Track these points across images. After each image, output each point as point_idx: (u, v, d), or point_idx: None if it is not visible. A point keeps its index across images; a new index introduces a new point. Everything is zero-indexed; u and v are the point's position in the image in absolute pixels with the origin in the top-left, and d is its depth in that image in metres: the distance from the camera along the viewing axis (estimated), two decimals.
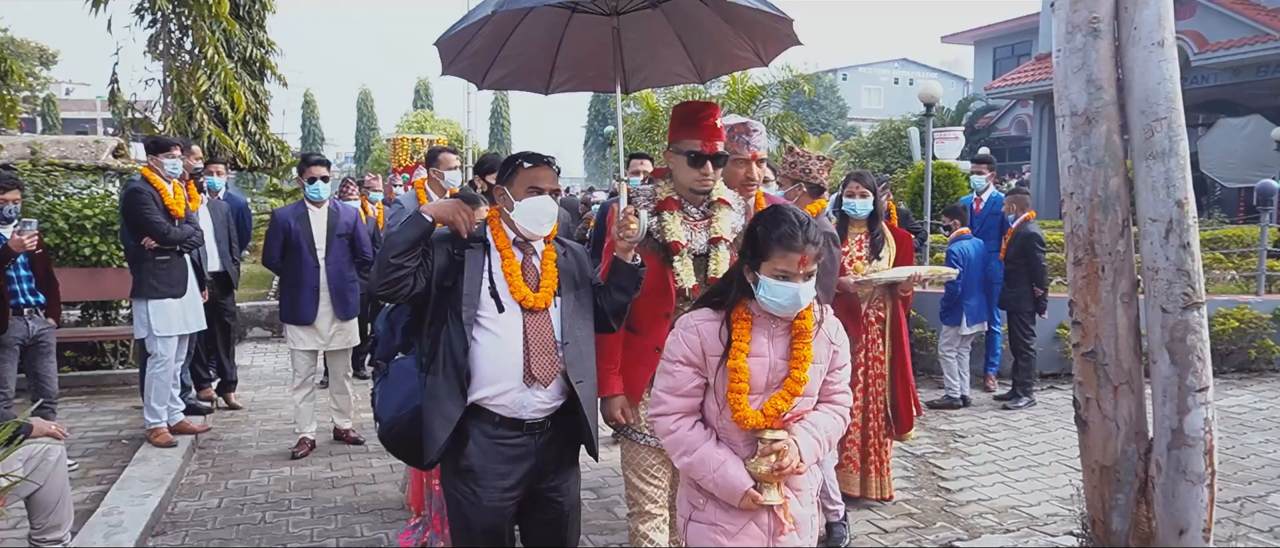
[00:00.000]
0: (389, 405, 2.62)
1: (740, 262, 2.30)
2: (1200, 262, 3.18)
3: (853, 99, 44.44)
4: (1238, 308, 7.80)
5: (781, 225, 2.19)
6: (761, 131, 3.20)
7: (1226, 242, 11.43)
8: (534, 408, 2.57)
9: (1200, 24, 17.27)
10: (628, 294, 2.72)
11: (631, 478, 2.98)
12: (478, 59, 3.32)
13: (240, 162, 10.05)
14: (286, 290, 5.41)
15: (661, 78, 3.82)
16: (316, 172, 5.41)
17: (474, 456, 2.54)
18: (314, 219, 5.39)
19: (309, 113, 50.33)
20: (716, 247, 2.89)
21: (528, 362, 2.54)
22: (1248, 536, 4.02)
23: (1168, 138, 3.13)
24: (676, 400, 2.29)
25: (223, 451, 5.52)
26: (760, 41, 3.38)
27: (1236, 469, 5.09)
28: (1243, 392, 7.11)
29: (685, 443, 2.26)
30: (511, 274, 2.58)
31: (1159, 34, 3.16)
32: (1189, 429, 3.12)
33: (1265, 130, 17.07)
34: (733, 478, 2.20)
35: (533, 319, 2.57)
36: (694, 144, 2.84)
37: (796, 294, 2.18)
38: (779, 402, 2.21)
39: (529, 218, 2.60)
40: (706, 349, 2.25)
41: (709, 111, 2.89)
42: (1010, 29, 28.86)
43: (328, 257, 5.37)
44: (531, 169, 2.62)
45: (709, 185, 2.89)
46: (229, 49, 9.85)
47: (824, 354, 2.32)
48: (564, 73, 3.56)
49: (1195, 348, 3.12)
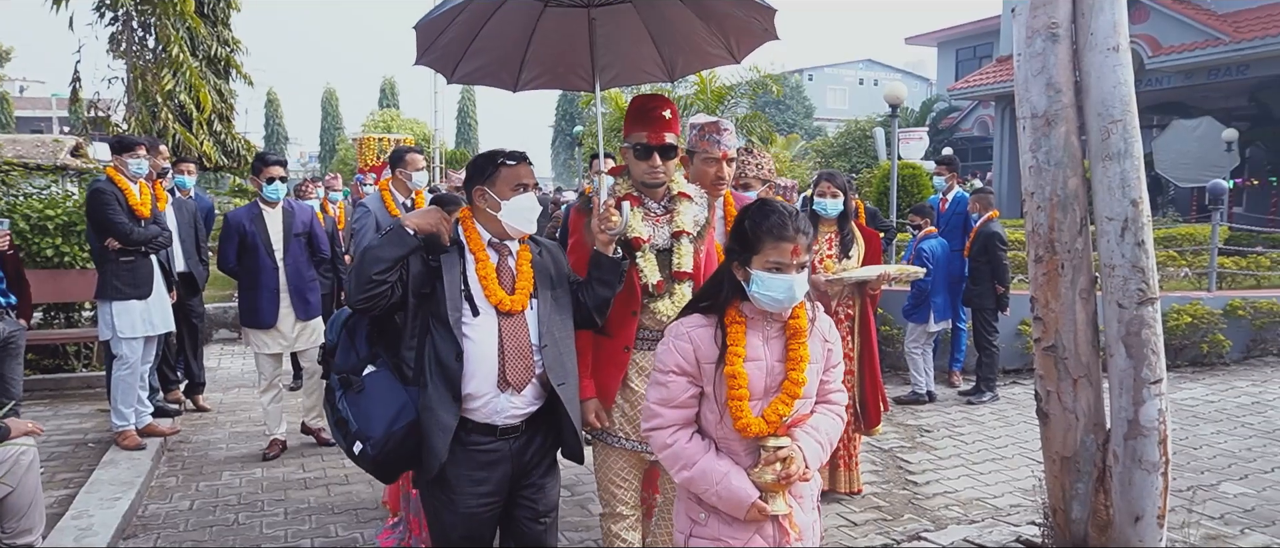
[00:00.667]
0: (378, 422, 2.46)
1: (728, 260, 2.22)
2: (1154, 259, 3.30)
3: (818, 99, 44.83)
4: (1190, 304, 8.04)
5: (770, 216, 2.13)
6: (732, 131, 3.19)
7: (1180, 240, 11.76)
8: (508, 414, 2.51)
9: (1154, 28, 17.73)
10: (611, 288, 2.68)
11: (603, 481, 2.95)
12: (449, 50, 3.27)
13: (206, 161, 9.93)
14: (245, 294, 5.34)
15: (631, 76, 3.78)
16: (274, 172, 5.33)
17: (449, 464, 2.48)
18: (269, 220, 5.31)
19: (272, 111, 49.66)
20: (679, 241, 2.87)
21: (502, 366, 2.47)
22: (1200, 522, 4.17)
23: (1123, 140, 3.26)
24: (672, 412, 2.19)
25: (192, 453, 5.47)
26: (734, 38, 3.35)
27: (1190, 459, 5.27)
28: (1195, 385, 7.35)
29: (684, 457, 2.16)
30: (486, 277, 2.53)
31: (1114, 40, 3.28)
32: (1144, 420, 3.25)
33: (1216, 132, 17.56)
34: (737, 490, 2.11)
35: (508, 322, 2.51)
36: (641, 137, 2.83)
37: (791, 285, 2.11)
38: (779, 406, 2.13)
39: (517, 216, 2.55)
40: (701, 356, 2.16)
41: (658, 104, 2.86)
42: (972, 31, 29.34)
43: (285, 257, 5.30)
44: (514, 167, 2.57)
45: (660, 178, 2.86)
46: (194, 47, 9.72)
47: (819, 353, 2.24)
48: (533, 69, 3.52)
49: (1150, 342, 3.25)
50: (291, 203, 5.48)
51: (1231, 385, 7.31)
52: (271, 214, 5.34)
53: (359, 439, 2.46)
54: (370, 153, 17.88)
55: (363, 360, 2.57)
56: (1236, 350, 8.18)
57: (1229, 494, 4.67)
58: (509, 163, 2.57)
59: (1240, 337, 8.23)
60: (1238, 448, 5.52)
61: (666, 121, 2.84)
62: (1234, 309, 8.16)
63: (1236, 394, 6.99)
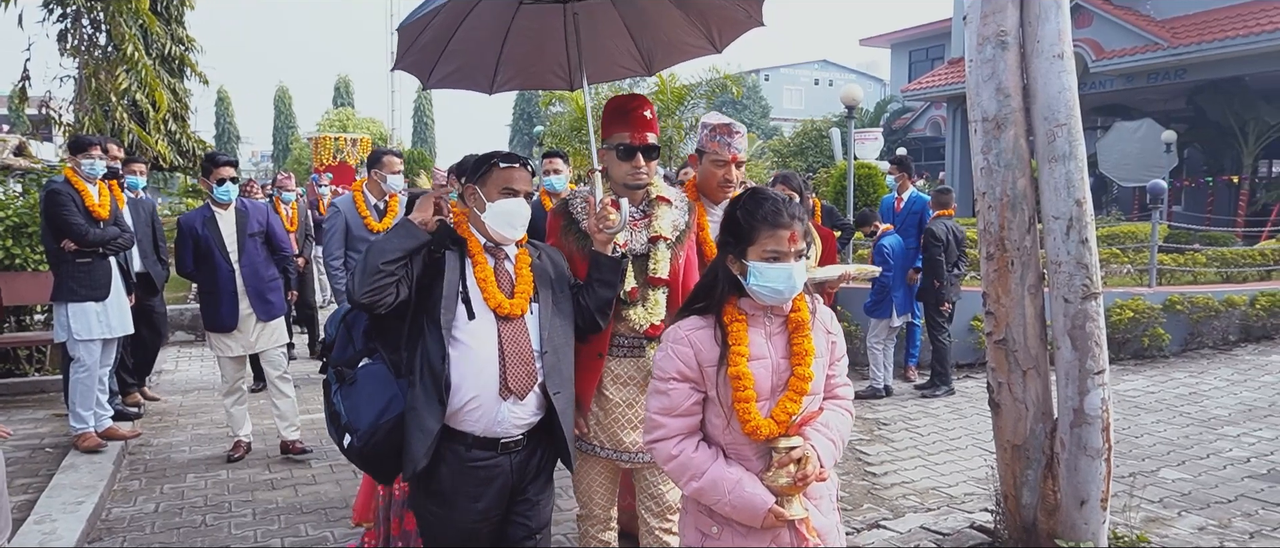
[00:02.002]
0: (366, 413, 2.40)
1: (722, 254, 2.11)
2: (1097, 256, 3.49)
3: (775, 99, 45.28)
4: (1132, 299, 8.37)
5: (764, 204, 2.04)
6: (743, 134, 3.11)
7: (1123, 238, 12.19)
8: (510, 424, 2.42)
9: (1097, 33, 18.30)
10: (612, 289, 2.61)
11: (580, 484, 2.90)
12: (426, 54, 3.21)
13: (161, 162, 9.76)
14: (205, 297, 5.25)
15: (608, 72, 3.68)
16: (224, 172, 5.20)
17: (445, 478, 2.40)
18: (222, 222, 5.20)
19: (223, 110, 48.65)
20: (656, 246, 2.79)
21: (504, 373, 2.39)
22: (1140, 506, 4.39)
23: (1068, 142, 3.43)
24: (675, 422, 2.07)
25: (155, 456, 5.41)
26: (716, 27, 3.25)
27: (1131, 448, 5.51)
28: (1137, 377, 7.65)
29: (692, 467, 2.03)
30: (485, 280, 2.44)
31: (1059, 47, 3.46)
32: (1089, 409, 3.43)
33: (1156, 133, 18.20)
34: (751, 497, 1.98)
35: (508, 327, 2.42)
36: (624, 137, 2.75)
37: (790, 274, 2.00)
38: (787, 405, 2.02)
39: (501, 221, 2.47)
40: (702, 360, 2.05)
41: (639, 104, 2.80)
42: (924, 33, 29.93)
43: (241, 258, 5.20)
44: (506, 170, 2.48)
45: (643, 179, 2.79)
46: (147, 46, 9.54)
47: (824, 346, 2.14)
48: (508, 70, 3.45)
49: (1093, 335, 3.43)
50: (245, 202, 5.39)
51: (1170, 377, 7.63)
52: (224, 216, 5.22)
53: (347, 432, 2.41)
54: (325, 152, 17.72)
55: (358, 354, 2.52)
56: (1175, 344, 8.53)
57: (1167, 479, 4.90)
58: (501, 164, 2.48)
59: (1179, 330, 8.57)
60: (1176, 436, 5.79)
61: (648, 121, 2.78)
62: (1173, 304, 8.50)
63: (1175, 385, 7.31)
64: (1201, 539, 3.99)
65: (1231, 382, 7.39)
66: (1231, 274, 10.44)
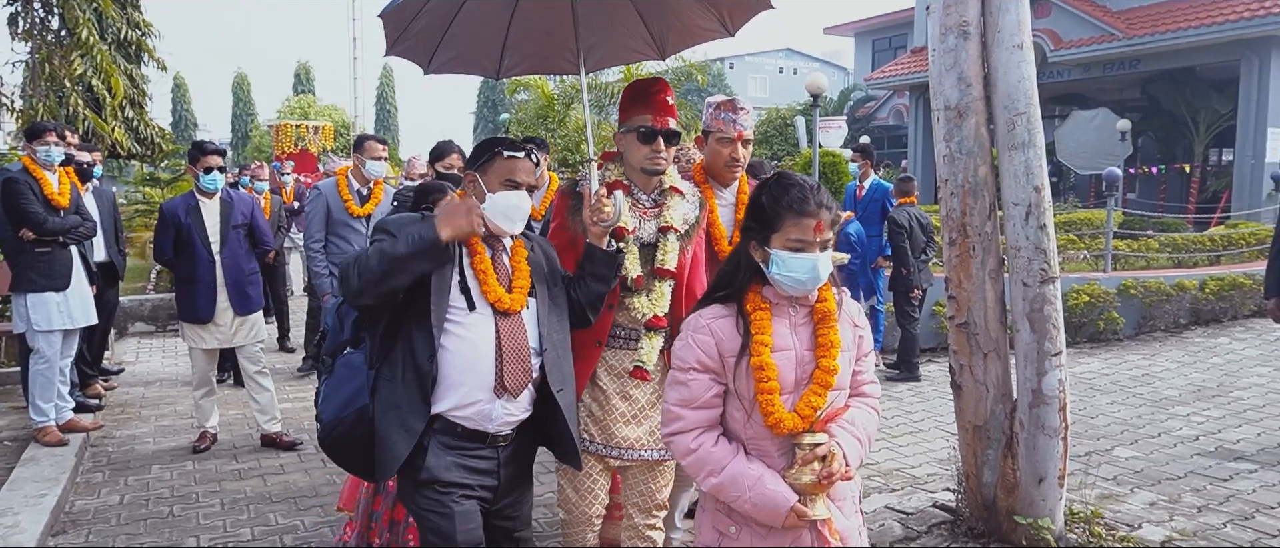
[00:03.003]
0: (331, 405, 2.35)
1: (744, 240, 2.02)
2: (1055, 241, 3.59)
3: (740, 87, 45.43)
4: (1088, 284, 8.59)
5: (790, 190, 1.94)
6: (749, 111, 3.01)
7: (1079, 224, 12.49)
8: (501, 421, 2.33)
9: (1055, 23, 18.65)
10: (606, 283, 2.52)
11: (566, 485, 2.77)
12: (423, 38, 3.10)
13: (119, 149, 9.55)
14: (182, 287, 5.15)
15: (619, 56, 3.59)
16: (212, 161, 5.13)
17: (435, 467, 2.28)
18: (206, 211, 5.10)
19: (180, 97, 47.61)
20: (665, 236, 2.71)
21: (500, 370, 2.28)
22: (1095, 483, 4.54)
23: (1027, 130, 3.53)
24: (694, 414, 1.98)
25: (118, 448, 5.34)
26: (727, 10, 3.17)
27: (1087, 428, 5.68)
28: (1093, 359, 7.86)
29: (711, 462, 1.95)
30: (484, 272, 2.33)
31: (1018, 37, 3.54)
32: (1046, 389, 3.54)
33: (1111, 122, 18.63)
34: (773, 494, 1.91)
35: (506, 323, 2.32)
36: (645, 120, 2.66)
37: (815, 265, 1.92)
38: (812, 399, 1.94)
39: (500, 214, 2.33)
40: (723, 350, 1.96)
41: (660, 87, 2.70)
42: (887, 22, 30.21)
43: (223, 249, 5.11)
44: (509, 160, 2.35)
45: (661, 165, 2.70)
46: (102, 30, 9.32)
47: (850, 340, 2.05)
48: (515, 54, 3.33)
49: (1051, 317, 3.54)
50: (230, 193, 5.29)
51: (1124, 359, 7.85)
52: (208, 205, 5.12)
53: (318, 421, 2.38)
54: (287, 140, 17.48)
55: (344, 343, 2.46)
56: (1129, 327, 8.77)
57: (1121, 458, 5.07)
58: (504, 153, 2.35)
59: (1132, 314, 8.82)
60: (1129, 416, 5.97)
61: (670, 106, 2.69)
62: (1127, 289, 8.74)
63: (1129, 367, 7.53)
64: (1153, 514, 4.14)
65: (1182, 364, 7.63)
66: (1183, 259, 10.76)
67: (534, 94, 17.39)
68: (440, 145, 4.46)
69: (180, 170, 15.53)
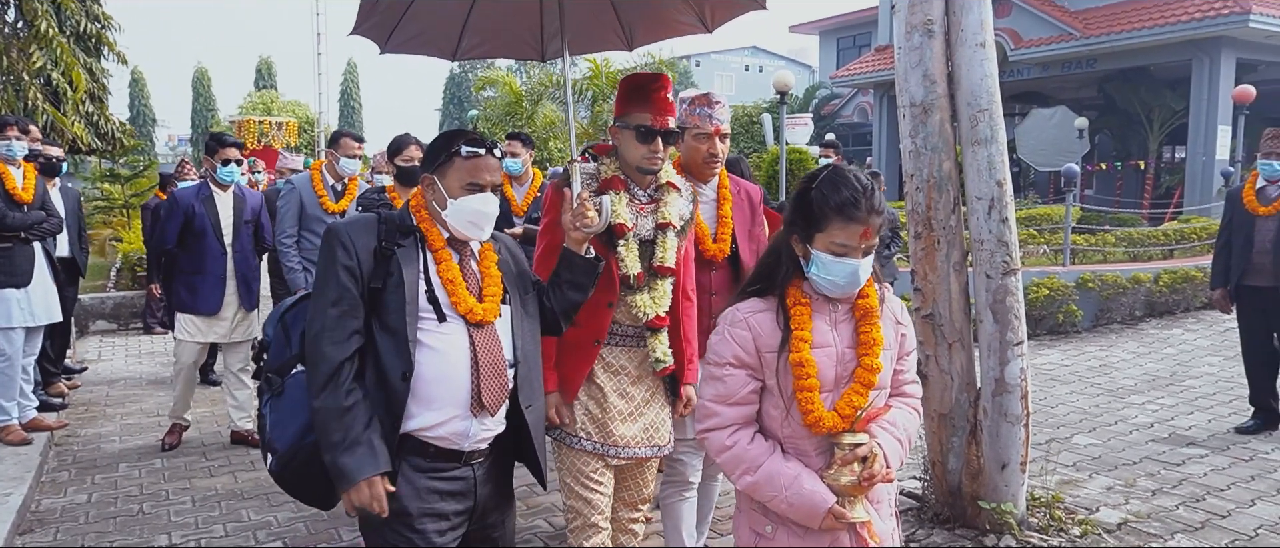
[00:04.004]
0: (287, 432, 2.09)
1: (787, 232, 1.95)
2: (1016, 234, 3.70)
3: (706, 84, 45.44)
4: (1048, 278, 8.79)
5: (842, 190, 1.84)
6: (725, 104, 2.96)
7: (1039, 219, 12.75)
8: (477, 438, 2.14)
9: (1016, 22, 19.01)
10: (583, 292, 2.36)
11: (572, 486, 2.63)
12: (386, 17, 3.01)
13: (80, 144, 9.36)
14: (183, 278, 5.03)
15: (585, 44, 3.48)
16: (229, 153, 5.06)
17: (406, 495, 2.06)
18: (221, 203, 5.06)
19: (138, 92, 46.59)
20: (663, 232, 2.65)
21: (477, 386, 2.09)
22: (1056, 469, 4.68)
23: (989, 127, 3.63)
24: (730, 411, 1.93)
25: (83, 447, 5.27)
26: (708, 6, 3.09)
27: (1047, 416, 5.84)
28: (1052, 351, 8.06)
29: (747, 459, 1.90)
30: (452, 281, 2.12)
31: (981, 36, 3.65)
32: (1009, 378, 3.65)
33: (1070, 120, 19.03)
34: (811, 494, 1.85)
35: (480, 334, 2.12)
36: (644, 118, 2.56)
37: (855, 272, 1.85)
38: (853, 397, 1.88)
39: (464, 221, 2.12)
40: (761, 345, 1.91)
41: (660, 83, 2.61)
42: (852, 21, 30.53)
43: (235, 243, 5.06)
44: (470, 160, 2.12)
45: (659, 164, 2.62)
46: (61, 23, 9.13)
47: (892, 338, 1.99)
48: (475, 36, 3.24)
49: (1013, 308, 3.65)
50: (243, 188, 5.24)
51: (1083, 351, 8.07)
52: (222, 197, 5.07)
53: (269, 451, 2.12)
54: (250, 136, 17.22)
55: (293, 359, 2.17)
56: (1087, 319, 9.00)
57: (1080, 445, 5.22)
58: (463, 152, 2.12)
59: (1090, 307, 9.05)
60: (1088, 405, 6.15)
61: (670, 104, 2.60)
62: (1085, 282, 8.96)
63: (1087, 358, 7.73)
64: (1110, 498, 4.29)
65: (1137, 354, 7.86)
66: (1138, 253, 11.06)
67: (501, 90, 17.33)
68: (397, 140, 4.45)
69: (140, 166, 15.26)
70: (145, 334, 8.93)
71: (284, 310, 2.25)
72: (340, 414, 1.97)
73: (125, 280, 9.65)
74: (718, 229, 3.00)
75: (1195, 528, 3.94)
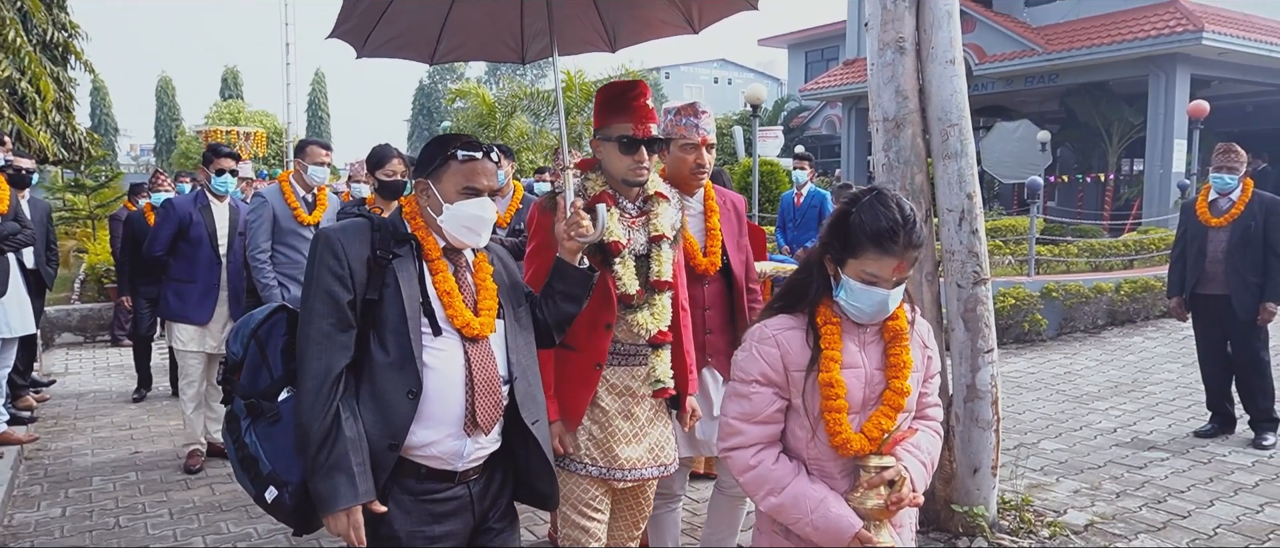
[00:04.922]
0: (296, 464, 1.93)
1: (821, 251, 1.92)
2: (986, 245, 3.82)
3: (676, 96, 45.76)
4: (1013, 288, 8.97)
5: (882, 219, 1.79)
6: (710, 114, 2.91)
7: (1004, 231, 13.02)
8: (471, 457, 2.05)
9: (980, 38, 19.40)
10: (578, 304, 2.27)
11: (570, 515, 2.56)
12: (364, 19, 2.95)
13: (46, 154, 9.21)
14: (176, 285, 4.96)
15: (567, 45, 3.38)
16: (225, 163, 5.03)
17: (397, 519, 1.98)
18: (217, 213, 5.02)
19: (99, 101, 45.75)
20: (658, 246, 2.57)
21: (471, 404, 2.01)
22: (1024, 473, 4.81)
23: (959, 141, 3.75)
24: (755, 429, 1.91)
25: (55, 461, 5.19)
26: (696, 6, 3.02)
27: (1016, 423, 5.98)
28: (1019, 359, 8.24)
29: (771, 480, 1.87)
30: (448, 293, 2.03)
31: (950, 53, 3.77)
32: (980, 384, 3.77)
33: (1032, 133, 19.44)
34: (837, 519, 1.82)
35: (475, 350, 2.03)
36: (625, 128, 2.49)
37: (883, 303, 1.83)
38: (881, 420, 1.86)
39: (461, 227, 2.05)
40: (789, 364, 1.88)
41: (639, 90, 2.53)
42: (820, 34, 30.91)
43: (228, 254, 5.02)
44: (466, 164, 2.04)
45: (644, 175, 2.55)
46: (28, 31, 9.01)
47: (920, 361, 1.96)
48: (453, 38, 3.17)
49: (983, 317, 3.77)
50: (237, 200, 5.21)
51: (1048, 359, 8.25)
52: (218, 207, 5.04)
53: (273, 484, 1.93)
54: None
55: (278, 381, 2.01)
56: (1052, 328, 9.19)
57: (1047, 450, 5.37)
58: (459, 155, 2.04)
59: (1054, 316, 9.25)
60: (1054, 411, 6.31)
61: (650, 111, 2.52)
62: (1049, 292, 9.16)
63: (1052, 366, 7.92)
64: (1077, 501, 4.42)
65: (1100, 362, 8.06)
66: (1100, 264, 11.33)
67: (473, 102, 17.32)
68: (378, 151, 4.39)
69: (104, 177, 15.00)
70: (113, 347, 8.80)
71: (255, 326, 2.07)
72: (327, 435, 1.88)
73: (91, 293, 9.50)
74: (707, 242, 2.96)
75: (1157, 528, 4.08)
